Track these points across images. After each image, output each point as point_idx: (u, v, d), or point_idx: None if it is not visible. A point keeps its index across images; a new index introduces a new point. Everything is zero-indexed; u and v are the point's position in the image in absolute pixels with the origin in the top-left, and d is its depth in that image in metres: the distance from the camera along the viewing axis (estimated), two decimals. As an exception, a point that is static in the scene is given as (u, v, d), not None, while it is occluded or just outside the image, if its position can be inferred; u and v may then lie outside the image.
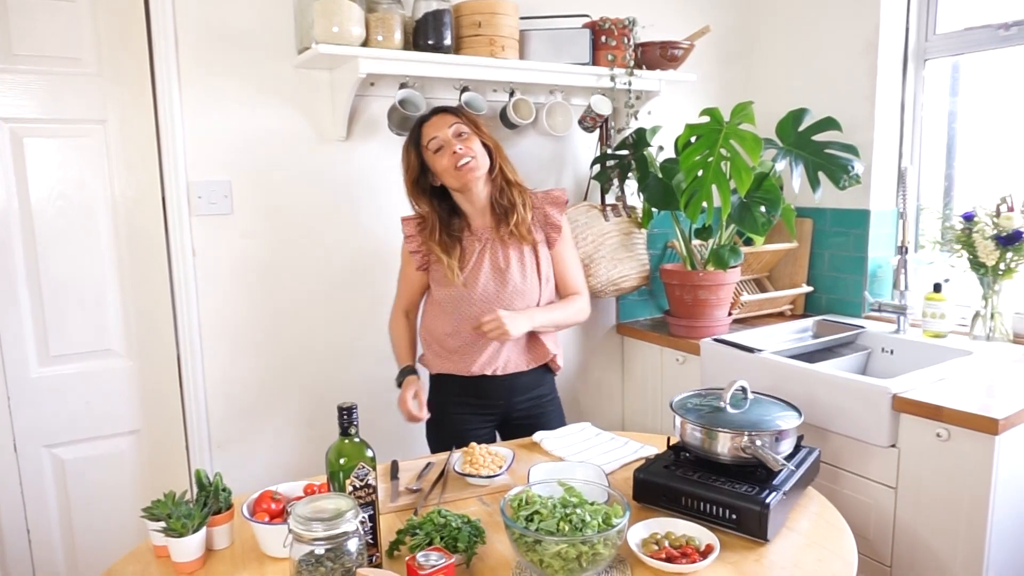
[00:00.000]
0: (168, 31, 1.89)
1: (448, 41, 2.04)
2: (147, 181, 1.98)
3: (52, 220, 1.89)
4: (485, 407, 1.90)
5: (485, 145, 1.81)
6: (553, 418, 1.96)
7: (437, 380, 1.94)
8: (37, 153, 1.86)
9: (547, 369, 1.95)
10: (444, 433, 1.89)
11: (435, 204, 1.85)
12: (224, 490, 1.31)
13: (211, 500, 1.29)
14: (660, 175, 2.35)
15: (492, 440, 1.93)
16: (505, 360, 1.85)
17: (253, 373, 2.11)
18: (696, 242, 2.51)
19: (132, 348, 2.02)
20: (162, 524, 1.22)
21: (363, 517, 1.11)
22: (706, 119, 2.15)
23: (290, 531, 1.06)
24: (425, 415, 1.80)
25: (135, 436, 2.05)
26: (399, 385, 1.87)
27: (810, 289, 2.71)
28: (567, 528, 1.11)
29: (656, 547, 1.24)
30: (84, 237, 1.93)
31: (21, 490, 1.92)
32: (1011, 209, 2.12)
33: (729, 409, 1.48)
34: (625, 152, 2.44)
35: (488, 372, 1.84)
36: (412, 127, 1.86)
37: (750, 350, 2.14)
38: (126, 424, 2.03)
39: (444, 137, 1.77)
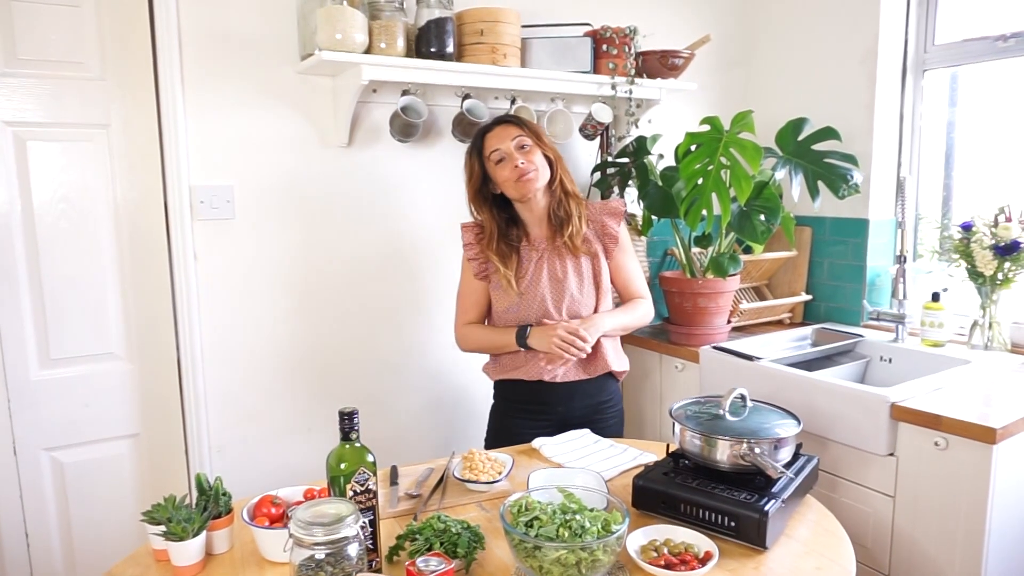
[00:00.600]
0: (172, 36, 1.90)
1: (451, 49, 2.05)
2: (149, 185, 1.99)
3: (54, 223, 1.89)
4: (543, 412, 1.91)
5: (546, 156, 1.83)
6: (611, 426, 1.95)
7: (499, 387, 1.98)
8: (40, 157, 1.87)
9: (610, 375, 1.95)
10: (503, 438, 1.91)
11: (495, 213, 1.88)
12: (224, 494, 1.32)
13: (211, 504, 1.29)
14: (660, 183, 2.36)
15: None
16: (564, 369, 1.87)
17: (254, 377, 2.12)
18: (696, 250, 2.52)
19: (133, 352, 2.02)
20: (162, 528, 1.22)
21: (363, 522, 1.11)
22: (706, 128, 2.16)
23: (290, 535, 1.06)
24: (585, 349, 1.77)
25: (135, 440, 2.05)
26: (524, 343, 1.82)
27: (809, 297, 2.72)
28: (566, 534, 1.12)
29: (655, 554, 1.24)
30: (86, 241, 1.93)
31: (20, 493, 1.92)
32: (1009, 219, 2.13)
33: (728, 417, 1.48)
34: (625, 160, 2.45)
35: (546, 378, 1.86)
36: (474, 136, 1.88)
37: (749, 358, 2.14)
38: (126, 427, 2.03)
39: (506, 149, 1.79)
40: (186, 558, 1.23)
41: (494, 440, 1.97)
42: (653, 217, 2.43)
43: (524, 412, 1.92)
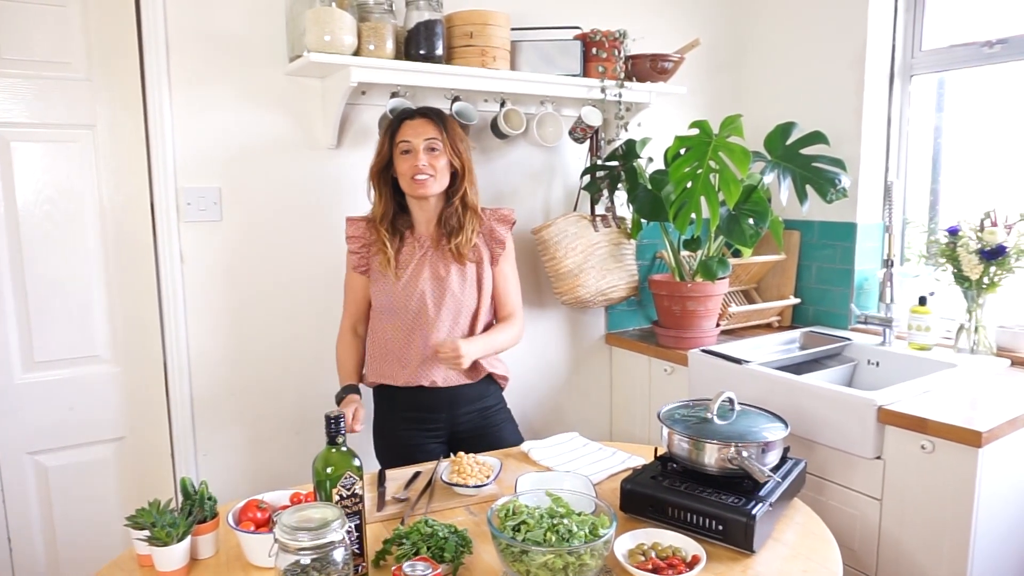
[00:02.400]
0: (159, 37, 1.89)
1: (440, 51, 2.04)
2: (136, 187, 1.97)
3: (39, 225, 1.88)
4: (428, 421, 1.87)
5: (453, 165, 1.81)
6: (504, 429, 1.94)
7: (379, 394, 1.92)
8: (24, 158, 1.85)
9: (492, 380, 1.94)
10: (391, 450, 1.87)
11: (392, 196, 1.86)
12: (209, 499, 1.31)
13: (196, 509, 1.28)
14: (649, 186, 2.36)
15: (440, 455, 1.85)
16: (445, 374, 1.84)
17: (240, 380, 2.10)
18: (685, 253, 2.52)
19: (118, 354, 2.00)
20: (146, 533, 1.21)
21: (349, 527, 1.11)
22: (695, 131, 2.17)
23: (276, 540, 1.05)
24: (359, 428, 1.74)
25: (120, 443, 2.03)
26: (339, 403, 1.83)
27: (797, 301, 2.73)
28: (554, 538, 1.12)
29: (643, 558, 1.24)
30: (71, 242, 1.92)
31: (3, 497, 1.90)
32: (995, 224, 2.14)
33: (716, 420, 1.49)
34: (615, 163, 2.45)
35: (426, 383, 1.82)
36: (395, 117, 1.85)
37: (737, 361, 2.15)
38: (111, 431, 2.02)
39: (415, 144, 1.77)
40: (170, 563, 1.22)
41: (383, 453, 1.90)
42: (642, 220, 2.44)
43: (408, 421, 1.87)
